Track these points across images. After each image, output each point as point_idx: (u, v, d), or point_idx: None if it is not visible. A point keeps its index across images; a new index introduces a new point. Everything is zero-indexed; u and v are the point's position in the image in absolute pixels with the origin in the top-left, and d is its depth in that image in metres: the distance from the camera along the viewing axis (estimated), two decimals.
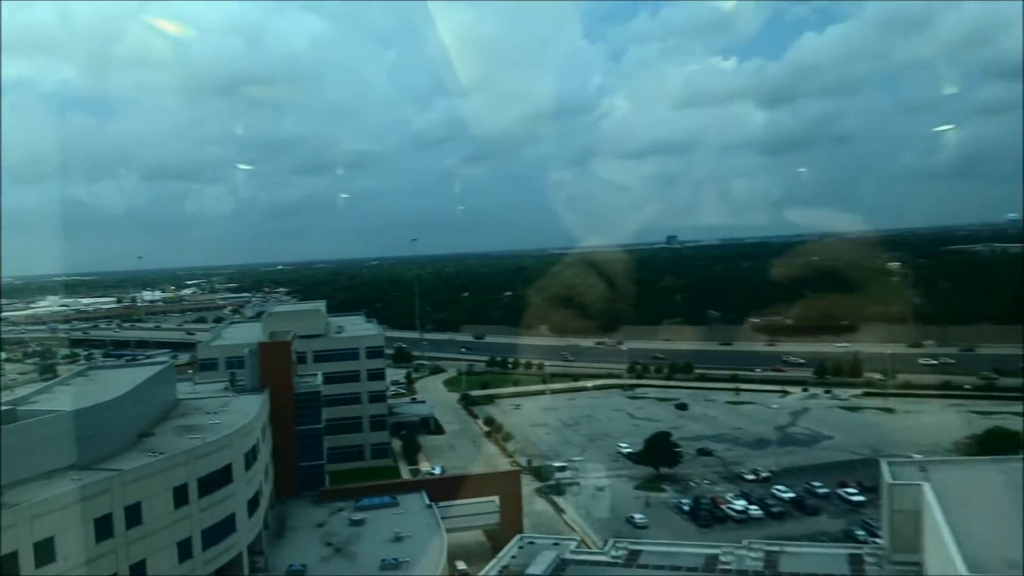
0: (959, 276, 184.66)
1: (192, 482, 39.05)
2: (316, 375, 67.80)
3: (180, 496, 38.28)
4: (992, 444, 68.99)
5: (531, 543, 39.19)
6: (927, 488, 31.18)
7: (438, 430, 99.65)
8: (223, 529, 41.08)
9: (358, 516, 52.27)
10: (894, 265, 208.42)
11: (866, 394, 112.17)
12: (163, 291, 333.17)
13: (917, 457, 49.84)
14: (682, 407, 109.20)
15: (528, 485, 70.62)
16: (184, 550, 38.10)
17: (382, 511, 53.73)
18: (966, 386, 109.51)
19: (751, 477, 76.47)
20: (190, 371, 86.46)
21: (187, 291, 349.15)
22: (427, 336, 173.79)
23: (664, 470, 78.34)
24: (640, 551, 37.57)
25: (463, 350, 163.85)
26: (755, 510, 67.45)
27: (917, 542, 32.10)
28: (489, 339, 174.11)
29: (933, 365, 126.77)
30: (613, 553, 36.80)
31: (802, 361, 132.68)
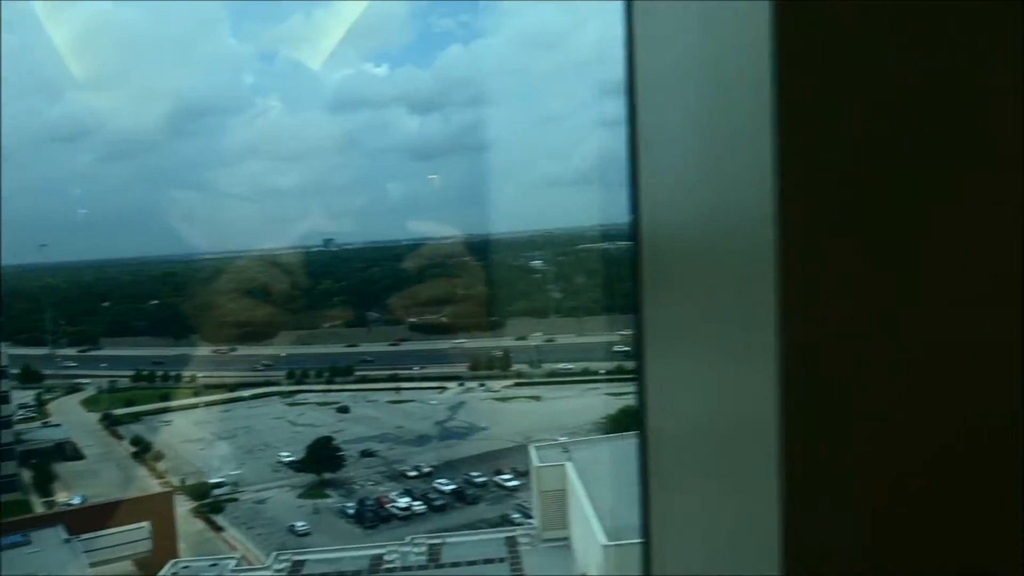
0: (592, 272, 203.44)
1: None
2: None
3: None
4: (623, 422, 76.52)
5: (186, 568, 37.06)
6: (569, 467, 33.83)
7: (77, 455, 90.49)
8: None
9: None
10: (537, 263, 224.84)
11: (516, 384, 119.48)
12: None
13: (562, 439, 54.05)
14: (344, 410, 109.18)
15: (183, 506, 66.46)
16: None
17: (11, 552, 47.54)
18: (601, 371, 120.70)
19: (413, 474, 78.24)
20: None
21: None
22: (61, 352, 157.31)
23: (328, 475, 77.65)
24: (304, 561, 36.89)
25: (103, 365, 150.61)
26: (419, 506, 69.08)
27: (564, 519, 34.67)
28: (130, 352, 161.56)
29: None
30: (276, 567, 35.78)
31: (503, 355, 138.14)
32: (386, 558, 36.20)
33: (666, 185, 1.53)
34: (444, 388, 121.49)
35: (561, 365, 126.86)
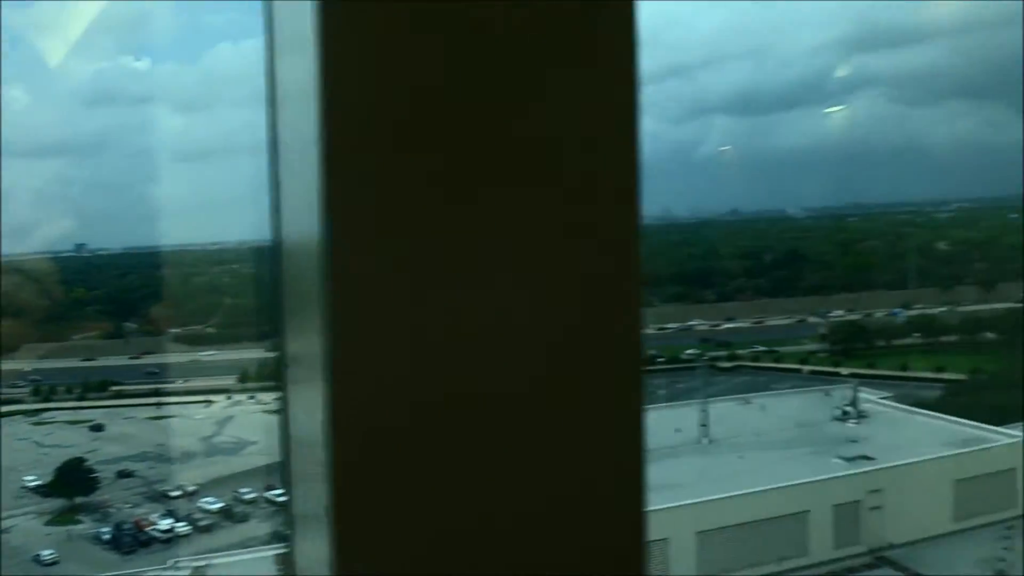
0: None
1: None
2: None
3: None
4: None
5: None
6: None
7: None
8: None
9: None
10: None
11: None
12: None
13: None
14: (98, 428, 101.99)
15: None
16: None
17: None
18: None
19: (177, 493, 74.75)
20: None
21: None
22: None
23: (80, 499, 72.64)
24: None
25: None
26: (182, 526, 66.14)
27: None
28: None
29: None
30: None
31: (274, 366, 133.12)
32: None
33: (289, 200, 1.59)
34: (211, 402, 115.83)
35: None
